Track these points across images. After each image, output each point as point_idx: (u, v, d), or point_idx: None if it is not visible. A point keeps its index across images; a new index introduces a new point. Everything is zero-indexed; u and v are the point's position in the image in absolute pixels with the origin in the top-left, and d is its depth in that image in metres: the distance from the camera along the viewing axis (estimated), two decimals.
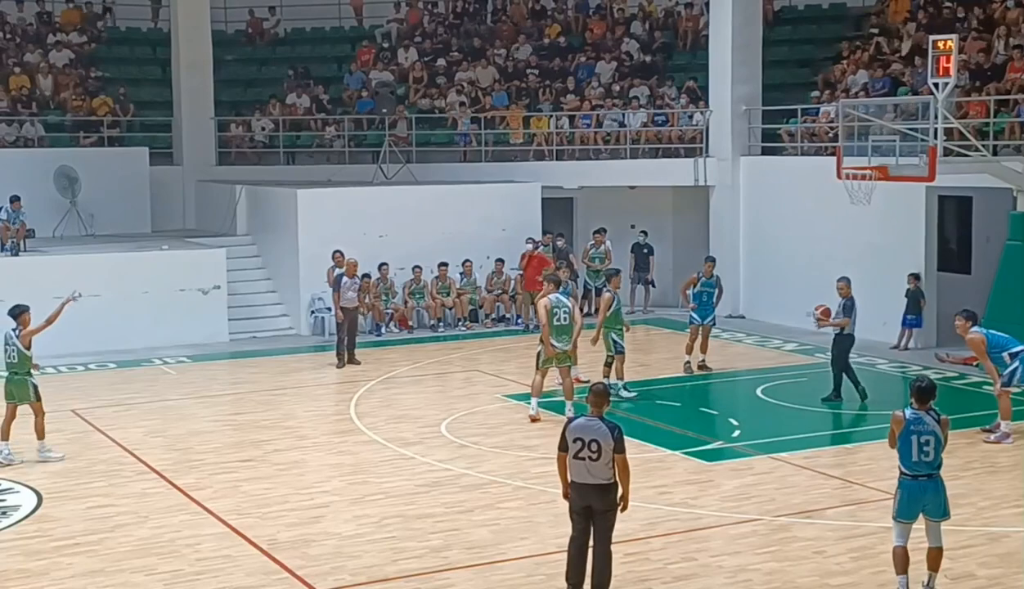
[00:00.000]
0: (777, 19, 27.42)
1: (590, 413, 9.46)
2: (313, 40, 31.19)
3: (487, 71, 28.26)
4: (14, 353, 13.94)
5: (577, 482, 9.33)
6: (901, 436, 9.34)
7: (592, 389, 9.61)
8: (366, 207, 23.18)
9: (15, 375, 14.00)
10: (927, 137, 17.40)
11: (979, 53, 21.60)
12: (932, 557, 9.44)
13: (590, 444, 9.21)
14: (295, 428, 15.94)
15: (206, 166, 27.42)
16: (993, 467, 13.38)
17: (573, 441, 9.29)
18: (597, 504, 9.32)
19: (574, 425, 9.40)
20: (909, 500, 9.34)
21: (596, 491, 9.27)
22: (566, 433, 9.38)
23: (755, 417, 16.49)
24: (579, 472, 9.30)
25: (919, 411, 9.41)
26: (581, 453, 9.24)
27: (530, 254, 23.14)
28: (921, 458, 9.30)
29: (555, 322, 15.61)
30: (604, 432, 9.23)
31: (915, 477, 9.31)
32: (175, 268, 21.93)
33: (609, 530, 9.44)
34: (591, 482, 9.25)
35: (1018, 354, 14.62)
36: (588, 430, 9.26)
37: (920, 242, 20.59)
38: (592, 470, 9.24)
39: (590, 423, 9.33)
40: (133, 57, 29.86)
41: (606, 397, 9.51)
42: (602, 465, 9.21)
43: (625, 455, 9.29)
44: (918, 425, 9.32)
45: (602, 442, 9.19)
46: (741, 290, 23.96)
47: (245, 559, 10.73)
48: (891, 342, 20.48)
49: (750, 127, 24.18)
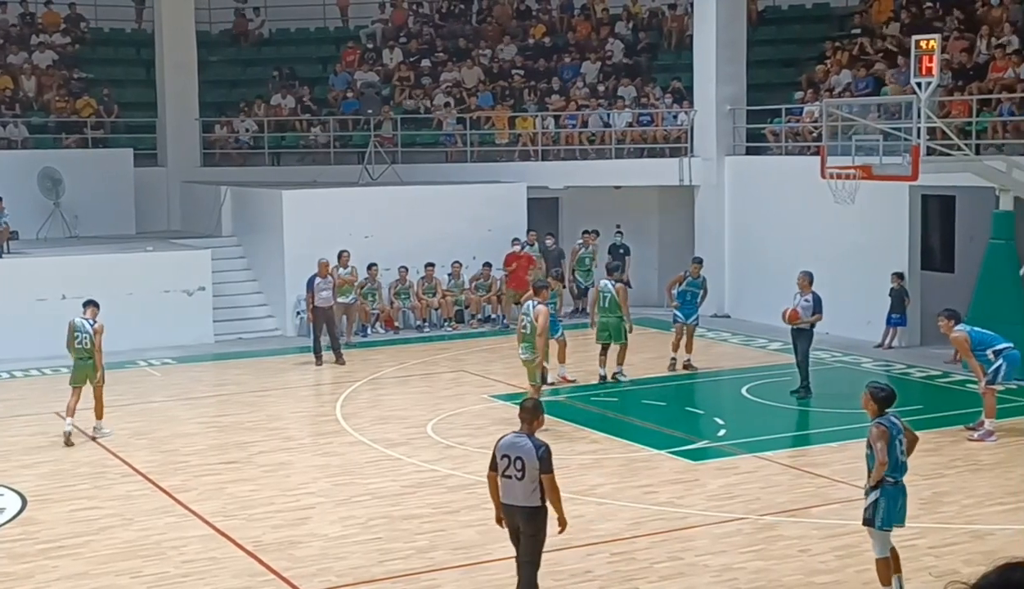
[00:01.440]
0: (761, 19, 27.49)
1: (520, 429, 8.92)
2: (298, 41, 31.15)
3: (472, 71, 28.27)
4: (87, 339, 14.94)
5: (504, 502, 8.85)
6: (888, 445, 9.23)
7: (522, 404, 9.17)
8: (351, 208, 23.17)
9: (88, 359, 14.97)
10: (910, 136, 17.47)
11: (961, 53, 21.68)
12: (893, 559, 9.41)
13: (515, 462, 8.69)
14: (281, 429, 15.92)
15: (191, 167, 27.35)
16: (977, 465, 13.44)
17: (501, 458, 8.79)
18: (523, 526, 8.84)
19: (503, 442, 8.89)
20: (893, 506, 9.26)
21: (521, 513, 8.77)
22: (495, 450, 8.89)
23: (740, 416, 16.53)
24: (506, 491, 8.80)
25: (886, 416, 9.36)
26: (508, 471, 8.72)
27: (517, 254, 23.17)
28: (900, 459, 9.31)
29: (522, 330, 15.48)
30: (529, 450, 8.66)
31: (896, 482, 9.29)
32: (160, 269, 21.89)
33: (532, 555, 8.91)
34: (516, 503, 8.75)
35: (1002, 351, 14.68)
36: (514, 448, 8.73)
37: (904, 241, 20.68)
38: (516, 490, 8.72)
39: (518, 440, 8.80)
40: (117, 58, 29.79)
41: (536, 413, 8.96)
42: (527, 485, 8.67)
43: (552, 476, 8.72)
44: (894, 428, 9.31)
45: (527, 461, 8.64)
46: (726, 289, 24.02)
47: (231, 561, 10.72)
48: (875, 341, 20.55)
49: (735, 127, 24.24)
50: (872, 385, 9.58)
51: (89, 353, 15.00)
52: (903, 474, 9.31)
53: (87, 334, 14.99)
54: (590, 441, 14.83)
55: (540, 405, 9.21)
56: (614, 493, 12.56)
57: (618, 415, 16.40)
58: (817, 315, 16.71)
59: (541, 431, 14.85)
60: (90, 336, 14.98)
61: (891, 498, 9.25)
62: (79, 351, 15.06)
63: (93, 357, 14.97)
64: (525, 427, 8.89)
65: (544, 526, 8.84)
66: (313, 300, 19.83)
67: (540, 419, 9.04)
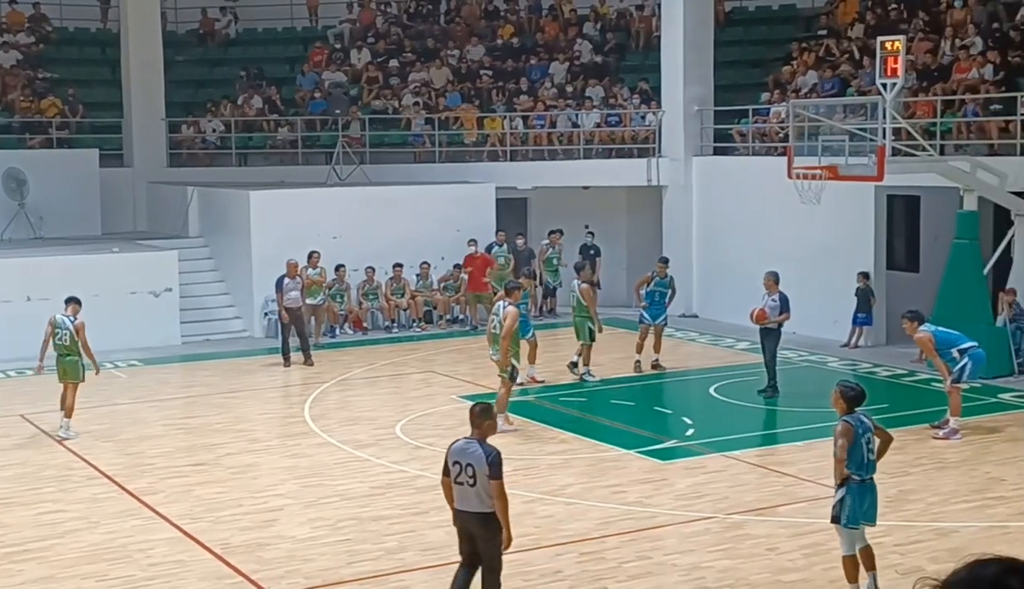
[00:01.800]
0: (728, 20, 27.61)
1: (470, 434, 8.81)
2: (265, 41, 31.03)
3: (440, 72, 28.24)
4: (66, 336, 15.02)
5: (457, 508, 8.76)
6: (853, 444, 9.28)
7: (471, 409, 8.96)
8: (319, 208, 23.10)
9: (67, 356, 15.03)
10: (876, 137, 17.59)
11: (926, 54, 21.86)
12: (867, 557, 9.46)
13: (466, 468, 8.59)
14: (248, 431, 15.86)
15: (157, 168, 27.18)
16: (942, 463, 13.55)
17: (452, 464, 8.69)
18: (478, 532, 8.73)
19: (454, 448, 8.77)
20: (858, 504, 9.31)
21: (475, 519, 8.67)
22: (447, 456, 8.80)
23: (708, 416, 16.59)
24: (459, 498, 8.71)
25: (854, 415, 9.42)
26: (459, 478, 8.62)
27: (473, 256, 23.15)
28: (868, 458, 9.34)
29: (492, 330, 15.47)
30: (479, 456, 8.55)
31: (863, 481, 9.33)
32: (126, 271, 21.73)
33: (491, 560, 8.80)
34: (468, 509, 8.66)
35: (967, 350, 14.80)
36: (465, 454, 8.63)
37: (869, 241, 20.82)
38: (469, 496, 8.63)
39: (467, 446, 8.69)
40: (82, 58, 29.56)
41: (486, 417, 8.85)
42: (478, 491, 8.57)
43: (500, 483, 8.57)
44: (862, 427, 9.35)
45: (476, 467, 8.54)
46: (694, 289, 24.11)
47: (198, 564, 10.66)
48: (842, 340, 20.69)
49: (702, 127, 24.34)
50: (842, 384, 9.68)
51: (68, 350, 15.07)
52: (870, 473, 9.35)
53: (67, 331, 15.08)
54: (559, 441, 14.85)
55: (489, 409, 9.02)
56: (583, 493, 12.59)
57: (587, 415, 16.43)
58: (784, 315, 16.81)
59: (510, 431, 14.98)
60: (70, 333, 15.06)
61: (857, 496, 9.29)
62: (59, 348, 15.14)
63: (72, 354, 15.03)
64: (475, 432, 8.77)
65: (500, 530, 8.70)
66: (282, 301, 19.77)
67: (491, 423, 8.88)
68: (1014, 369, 17.97)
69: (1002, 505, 12.00)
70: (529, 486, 12.84)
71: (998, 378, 17.52)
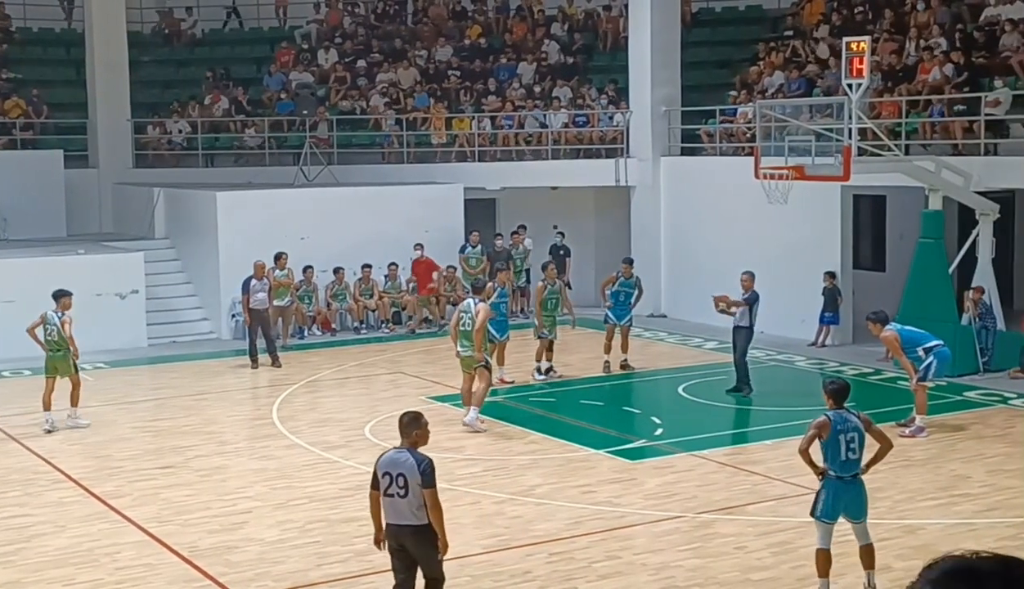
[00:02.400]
0: (695, 21, 27.72)
1: (400, 444, 8.51)
2: (231, 41, 30.86)
3: (408, 72, 28.20)
4: (55, 332, 15.42)
5: (389, 523, 8.41)
6: (828, 439, 9.34)
7: (400, 419, 8.67)
8: (287, 209, 23.02)
9: (57, 351, 15.45)
10: (842, 137, 17.70)
11: (891, 55, 22.02)
12: (866, 555, 9.51)
13: (397, 479, 8.26)
14: (216, 433, 15.78)
15: (123, 169, 27.00)
16: (908, 461, 13.64)
17: (383, 476, 8.34)
18: (413, 548, 8.41)
19: (384, 459, 8.45)
20: (834, 501, 9.36)
21: (409, 532, 8.34)
22: (376, 468, 8.46)
23: (677, 415, 16.64)
24: (389, 511, 8.37)
25: (839, 411, 9.47)
26: (390, 489, 8.28)
27: (418, 260, 23.06)
28: (849, 457, 9.34)
29: (461, 327, 15.51)
30: (411, 465, 8.25)
31: (840, 478, 9.36)
32: (92, 272, 21.53)
33: (433, 571, 8.52)
34: (401, 522, 8.33)
35: (932, 349, 14.92)
36: (395, 464, 8.31)
37: (836, 240, 20.95)
38: (401, 508, 8.30)
39: (398, 456, 8.37)
40: (46, 58, 29.29)
41: (416, 425, 8.53)
42: (411, 502, 8.25)
43: (434, 491, 8.30)
44: (843, 425, 9.36)
45: (409, 477, 8.22)
46: (662, 289, 24.19)
47: (166, 567, 10.59)
48: (809, 339, 20.80)
49: (670, 128, 24.42)
50: (825, 379, 9.83)
51: (58, 345, 15.47)
52: (848, 471, 9.35)
53: (55, 326, 15.46)
54: (528, 441, 14.86)
55: (420, 417, 8.65)
56: (552, 493, 12.60)
57: (556, 415, 16.44)
58: (742, 303, 16.83)
59: (481, 430, 14.98)
60: (57, 328, 15.43)
61: (832, 491, 9.34)
62: (49, 343, 15.53)
63: (62, 349, 15.44)
64: (405, 442, 8.48)
65: (436, 540, 8.43)
66: (248, 302, 19.68)
67: (421, 432, 8.53)
68: (979, 367, 18.13)
69: (968, 502, 12.11)
70: (499, 487, 12.84)
71: (964, 376, 17.66)
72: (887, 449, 9.72)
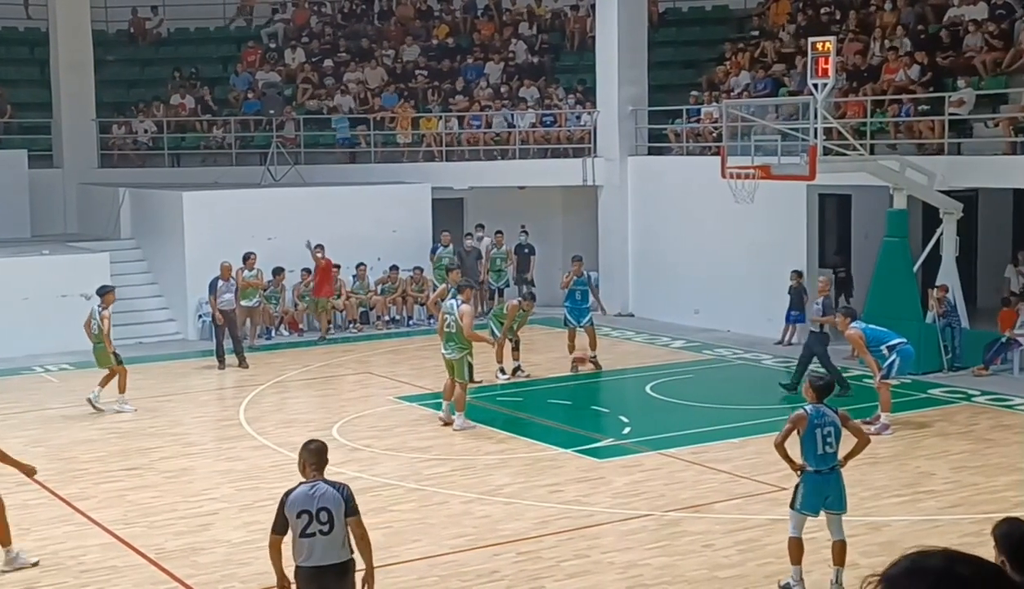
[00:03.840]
0: (662, 21, 27.80)
1: (309, 476, 7.77)
2: (197, 40, 30.68)
3: (375, 72, 28.14)
4: (95, 326, 16.59)
5: (310, 566, 7.61)
6: (805, 433, 9.50)
7: (305, 447, 7.93)
8: (254, 209, 22.91)
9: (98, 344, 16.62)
10: (807, 137, 17.80)
11: (856, 55, 22.16)
12: (837, 551, 9.63)
13: (319, 515, 7.53)
14: (183, 435, 15.69)
15: (88, 169, 26.79)
16: (874, 458, 13.70)
17: (297, 516, 7.59)
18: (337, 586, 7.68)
19: (294, 498, 7.66)
20: (814, 494, 9.52)
21: (335, 572, 7.62)
22: (285, 509, 7.66)
23: (644, 414, 16.69)
24: (311, 552, 7.60)
25: (817, 406, 9.62)
26: (310, 528, 7.53)
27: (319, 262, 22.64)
28: (826, 450, 9.52)
29: (445, 328, 15.50)
30: (332, 496, 7.60)
31: (817, 471, 9.50)
32: (56, 273, 21.39)
33: None
34: (325, 563, 7.59)
35: (896, 347, 15.04)
36: (312, 499, 7.58)
37: (802, 239, 21.07)
38: (323, 547, 7.58)
39: (314, 490, 7.63)
40: (9, 57, 29.00)
41: (324, 454, 7.88)
42: (336, 537, 7.60)
43: (360, 519, 7.69)
44: (820, 419, 9.53)
45: (333, 509, 7.55)
46: (630, 288, 24.25)
47: (131, 569, 10.53)
48: (775, 338, 20.90)
49: (637, 127, 24.49)
50: (811, 374, 9.97)
51: (98, 339, 16.60)
52: (825, 465, 9.52)
53: (96, 321, 16.60)
54: (496, 441, 14.86)
55: (324, 446, 7.96)
56: (520, 492, 12.61)
57: (523, 414, 16.45)
58: (828, 317, 16.65)
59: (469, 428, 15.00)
60: (98, 323, 16.54)
61: (811, 485, 9.52)
62: (93, 337, 16.69)
63: (100, 342, 16.54)
64: (314, 473, 7.75)
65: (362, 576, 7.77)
66: (215, 303, 19.59)
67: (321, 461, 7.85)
68: (943, 365, 18.28)
69: (932, 499, 12.21)
70: (466, 486, 12.84)
71: (928, 374, 17.81)
72: (864, 444, 9.91)
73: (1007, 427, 15.21)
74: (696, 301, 22.73)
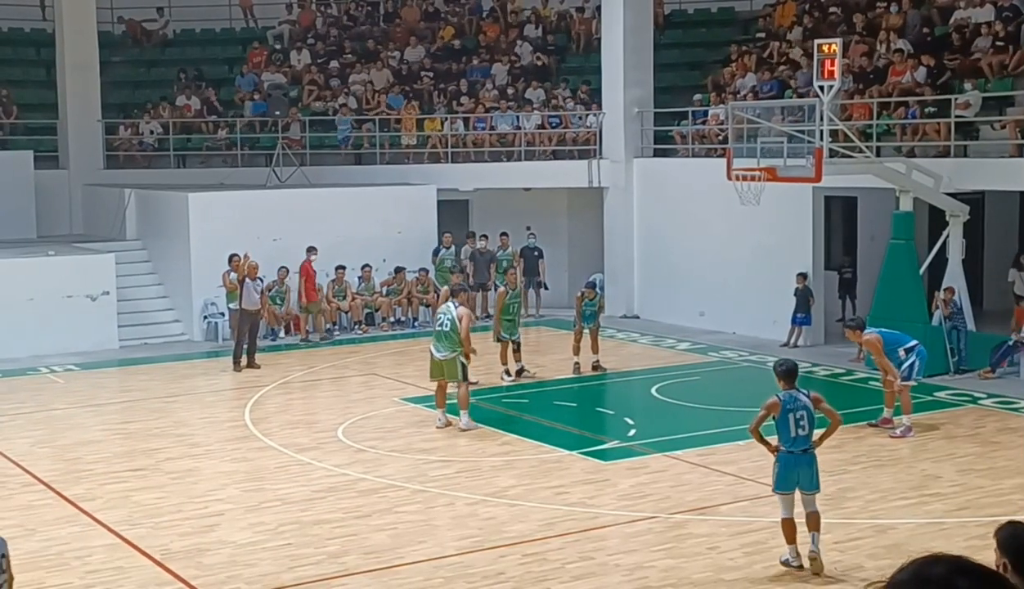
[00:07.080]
0: (668, 23, 27.78)
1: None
2: (203, 41, 30.71)
3: (381, 73, 28.14)
4: None
5: None
6: (779, 418, 10.07)
7: None
8: (259, 210, 22.91)
9: None
10: (813, 139, 17.78)
11: (862, 57, 22.13)
12: (812, 519, 10.08)
13: None
14: (188, 436, 15.69)
15: (93, 170, 26.81)
16: (880, 461, 13.73)
17: None
18: None
19: None
20: (785, 472, 10.06)
21: None
22: None
23: (650, 416, 16.67)
24: None
25: (790, 391, 10.18)
26: None
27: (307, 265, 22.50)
28: (799, 433, 10.06)
29: (438, 327, 15.45)
30: None
31: (791, 453, 10.05)
32: (62, 274, 21.41)
33: None
34: None
35: (912, 349, 15.03)
36: None
37: (808, 242, 21.03)
38: None
39: None
40: (16, 58, 29.05)
41: None
42: None
43: None
44: (793, 404, 10.11)
45: None
46: (635, 290, 24.22)
47: (136, 570, 10.53)
48: (781, 340, 20.86)
49: (642, 129, 24.46)
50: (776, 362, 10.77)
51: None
52: (799, 446, 10.05)
53: None
54: (501, 442, 14.85)
55: None
56: (526, 494, 12.60)
57: (529, 416, 16.44)
58: None
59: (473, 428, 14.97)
60: None
61: (784, 464, 10.06)
62: None
63: None
64: None
65: None
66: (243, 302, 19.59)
67: None
68: (950, 367, 18.25)
69: (939, 502, 12.18)
70: (472, 488, 12.83)
71: (935, 376, 17.76)
72: (836, 424, 10.46)
73: (1013, 430, 15.18)
74: (702, 303, 22.71)
